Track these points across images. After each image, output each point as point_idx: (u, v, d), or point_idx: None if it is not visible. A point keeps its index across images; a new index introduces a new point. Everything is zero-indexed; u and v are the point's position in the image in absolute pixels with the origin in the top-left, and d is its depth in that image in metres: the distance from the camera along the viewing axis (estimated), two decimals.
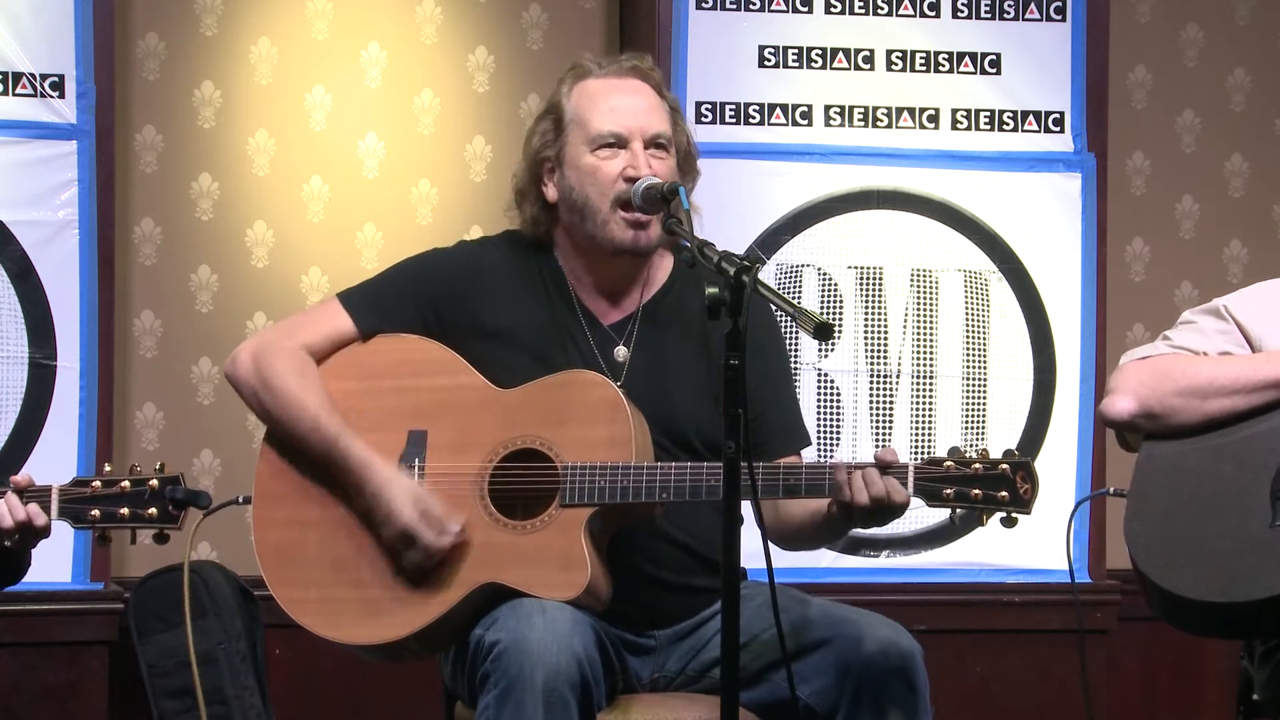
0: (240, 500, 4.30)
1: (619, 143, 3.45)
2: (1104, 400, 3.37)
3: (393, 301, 3.51)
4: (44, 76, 4.71)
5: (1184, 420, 3.29)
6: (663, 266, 3.56)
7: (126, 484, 3.29)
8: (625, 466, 3.29)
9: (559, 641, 3.14)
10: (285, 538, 3.43)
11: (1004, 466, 3.20)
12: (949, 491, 3.20)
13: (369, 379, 3.45)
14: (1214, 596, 3.15)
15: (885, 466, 3.22)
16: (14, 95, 4.71)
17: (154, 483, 3.29)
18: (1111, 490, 4.62)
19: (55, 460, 4.62)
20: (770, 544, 3.45)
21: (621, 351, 3.50)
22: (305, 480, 3.43)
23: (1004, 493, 3.19)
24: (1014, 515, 3.21)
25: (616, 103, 3.48)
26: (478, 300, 3.49)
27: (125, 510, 3.29)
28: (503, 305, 3.49)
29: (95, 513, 3.29)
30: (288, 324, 3.56)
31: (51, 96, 4.72)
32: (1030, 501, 3.20)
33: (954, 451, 3.22)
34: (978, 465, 3.20)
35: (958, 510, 3.22)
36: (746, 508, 3.08)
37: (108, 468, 3.38)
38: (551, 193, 3.51)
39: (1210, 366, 3.32)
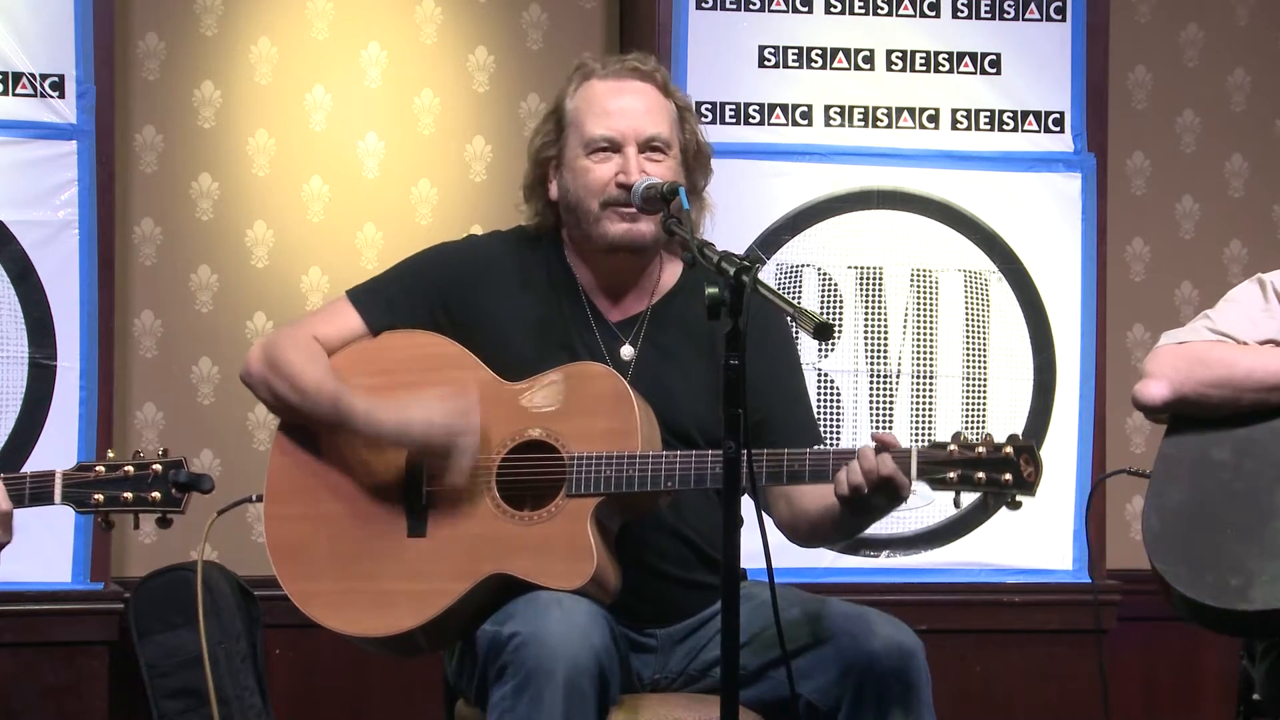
0: (254, 499, 4.31)
1: (612, 147, 3.46)
2: (1139, 384, 3.35)
3: (401, 298, 3.52)
4: (44, 76, 4.71)
5: (1216, 409, 3.28)
6: (671, 270, 3.57)
7: (130, 468, 3.30)
8: (631, 456, 3.29)
9: (578, 634, 3.15)
10: (296, 533, 3.44)
11: (1007, 450, 3.18)
12: (952, 475, 3.18)
13: (381, 374, 3.46)
14: (1234, 604, 3.15)
15: (883, 447, 3.20)
16: (14, 95, 4.71)
17: (157, 467, 3.30)
18: (1130, 470, 4.59)
19: (55, 460, 4.57)
20: (791, 541, 3.46)
21: (628, 350, 3.51)
22: (316, 475, 3.45)
23: (1008, 475, 3.18)
24: (1018, 499, 3.20)
25: (612, 105, 3.49)
26: (484, 293, 3.51)
27: (129, 494, 3.30)
28: (510, 298, 3.51)
29: (99, 497, 3.30)
30: (298, 322, 3.58)
31: (51, 96, 4.72)
32: (1034, 484, 3.18)
33: (957, 436, 3.21)
34: (981, 449, 3.18)
35: (961, 494, 3.21)
36: (748, 508, 3.09)
37: (111, 453, 3.38)
38: (554, 191, 3.54)
39: (1248, 358, 3.30)
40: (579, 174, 3.48)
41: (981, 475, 3.18)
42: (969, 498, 3.23)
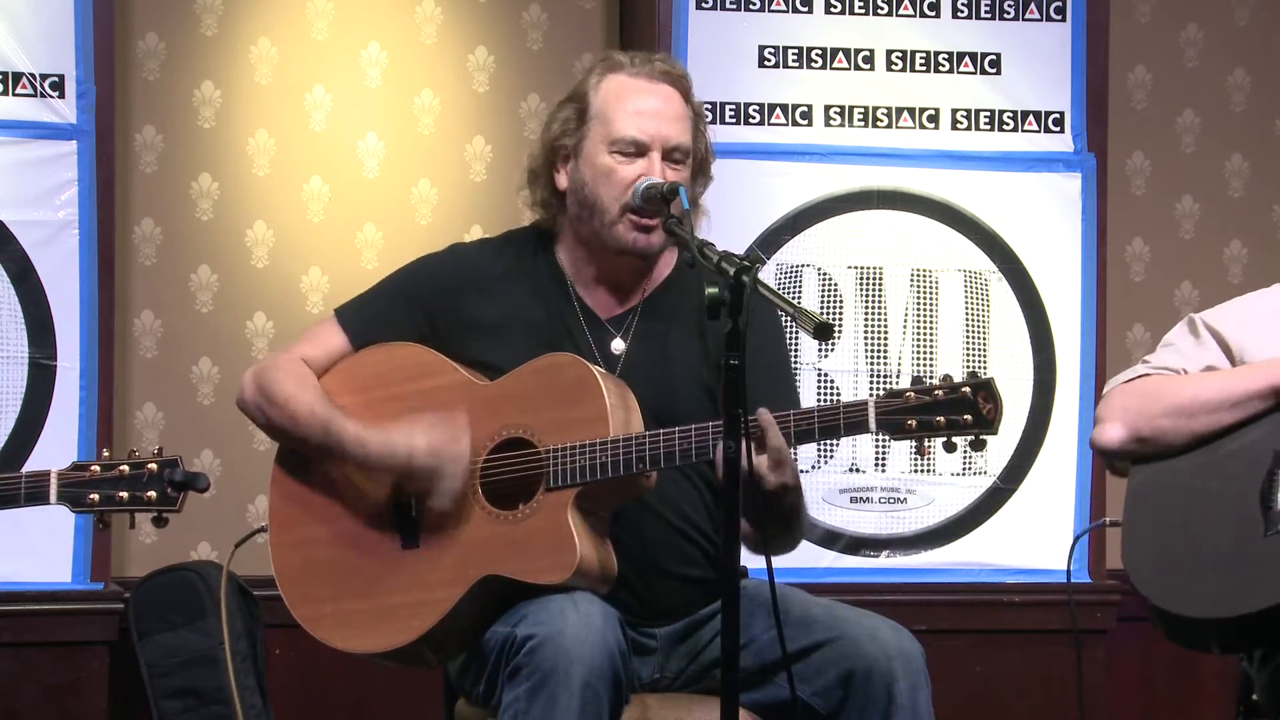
0: (263, 529, 4.36)
1: (638, 150, 3.44)
2: (1094, 430, 3.36)
3: (385, 314, 3.53)
4: (44, 76, 4.71)
5: (1173, 441, 3.28)
6: (666, 261, 3.56)
7: (125, 468, 3.30)
8: (604, 442, 3.29)
9: (593, 635, 3.15)
10: (297, 559, 3.46)
11: (965, 389, 3.17)
12: (912, 422, 3.16)
13: (362, 391, 3.47)
14: (1216, 612, 3.15)
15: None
16: (14, 95, 4.71)
17: (152, 466, 3.30)
18: (1108, 521, 4.64)
19: (55, 460, 4.56)
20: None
21: (619, 344, 3.50)
22: (314, 499, 3.47)
23: (967, 416, 3.16)
24: (981, 437, 3.18)
25: (642, 106, 3.46)
26: (470, 299, 3.50)
27: (124, 493, 3.30)
28: (497, 302, 3.50)
29: (94, 496, 3.30)
30: (287, 347, 3.60)
31: (51, 96, 4.72)
32: (995, 421, 3.17)
33: (915, 381, 3.20)
34: (939, 391, 3.16)
35: (924, 441, 3.19)
36: None
37: (106, 453, 3.38)
38: (563, 181, 3.51)
39: (1194, 384, 3.31)
40: (601, 171, 3.45)
41: (941, 419, 3.16)
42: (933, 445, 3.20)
